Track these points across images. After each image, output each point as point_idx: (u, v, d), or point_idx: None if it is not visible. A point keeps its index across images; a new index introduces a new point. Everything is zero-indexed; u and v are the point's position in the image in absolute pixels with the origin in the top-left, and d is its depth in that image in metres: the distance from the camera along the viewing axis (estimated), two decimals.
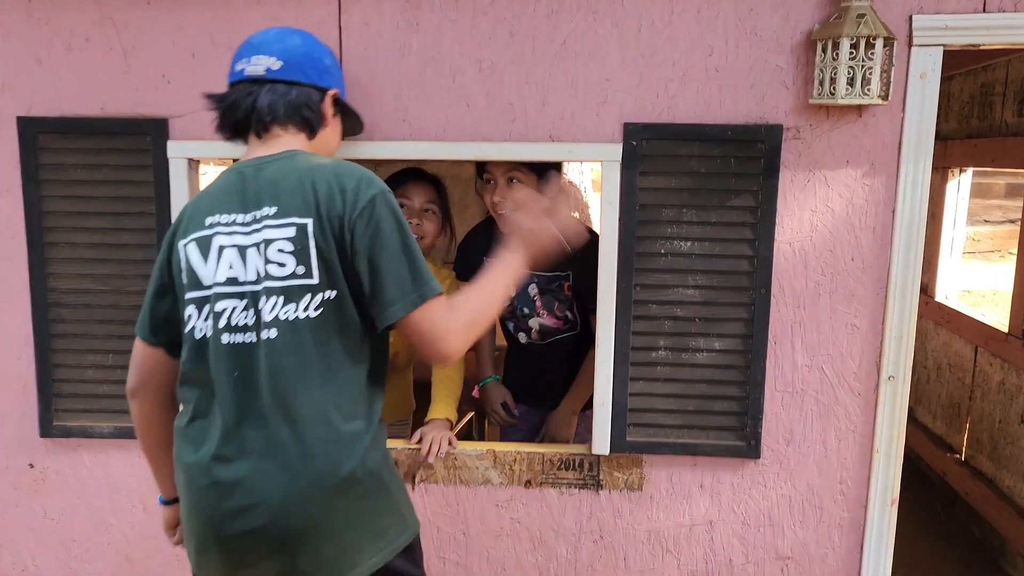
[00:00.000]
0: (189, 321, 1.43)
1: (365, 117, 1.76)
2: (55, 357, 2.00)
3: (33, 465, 2.08)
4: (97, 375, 2.01)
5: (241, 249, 1.40)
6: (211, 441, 1.40)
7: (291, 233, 1.37)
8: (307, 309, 1.37)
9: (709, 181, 1.84)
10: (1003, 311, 5.98)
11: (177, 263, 1.45)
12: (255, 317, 1.38)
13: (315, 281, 1.37)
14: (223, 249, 1.41)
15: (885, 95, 1.73)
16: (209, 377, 1.41)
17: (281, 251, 1.38)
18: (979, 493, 3.14)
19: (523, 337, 2.38)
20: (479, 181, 2.18)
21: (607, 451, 1.95)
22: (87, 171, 1.94)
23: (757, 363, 1.89)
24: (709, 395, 1.92)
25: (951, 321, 3.53)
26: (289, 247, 1.37)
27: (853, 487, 1.95)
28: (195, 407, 1.45)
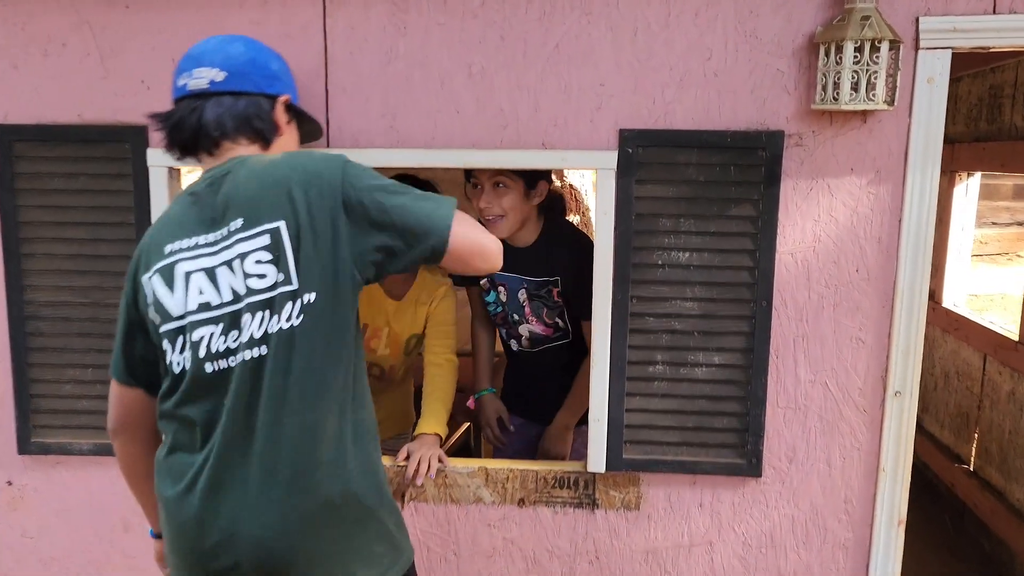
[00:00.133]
0: (166, 356, 1.38)
1: (351, 124, 1.70)
2: (32, 372, 1.95)
3: (11, 483, 2.03)
4: (76, 390, 1.95)
5: (209, 271, 1.34)
6: (191, 474, 1.35)
7: (266, 241, 1.31)
8: (290, 319, 1.31)
9: (708, 190, 1.78)
10: (1011, 315, 5.90)
11: (144, 299, 1.39)
12: (236, 339, 1.32)
13: (295, 286, 1.31)
14: (190, 275, 1.35)
15: (891, 100, 1.66)
16: (189, 409, 1.36)
17: (259, 262, 1.32)
18: (988, 506, 3.08)
19: (515, 344, 2.35)
20: (467, 186, 2.14)
21: (603, 469, 1.89)
22: (65, 180, 1.88)
23: (758, 378, 1.83)
24: (709, 411, 1.86)
25: (959, 328, 3.46)
26: (266, 256, 1.31)
27: (858, 507, 1.88)
28: (174, 439, 1.40)
